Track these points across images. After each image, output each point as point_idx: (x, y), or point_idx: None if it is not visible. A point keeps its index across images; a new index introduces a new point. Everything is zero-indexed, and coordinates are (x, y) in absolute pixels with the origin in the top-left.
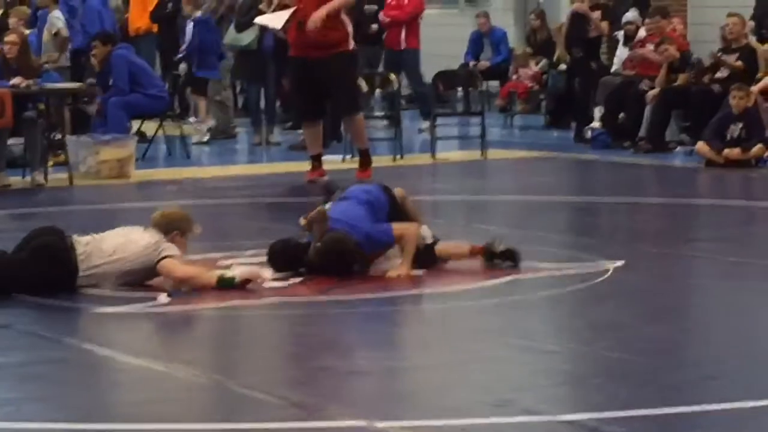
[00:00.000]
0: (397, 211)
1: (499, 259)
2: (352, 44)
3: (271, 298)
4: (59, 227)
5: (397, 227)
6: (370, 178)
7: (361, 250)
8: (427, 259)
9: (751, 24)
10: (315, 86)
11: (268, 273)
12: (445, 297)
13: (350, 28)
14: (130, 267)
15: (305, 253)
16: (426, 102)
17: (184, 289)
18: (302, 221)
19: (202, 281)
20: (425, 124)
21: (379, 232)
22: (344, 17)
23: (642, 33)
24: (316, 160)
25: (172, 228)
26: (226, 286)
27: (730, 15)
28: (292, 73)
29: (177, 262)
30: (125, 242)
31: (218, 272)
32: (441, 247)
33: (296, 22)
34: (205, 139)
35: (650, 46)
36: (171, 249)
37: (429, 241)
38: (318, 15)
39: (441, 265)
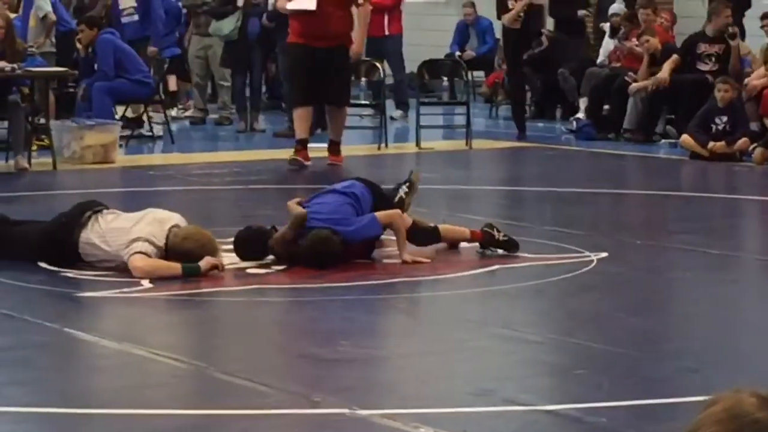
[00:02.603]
0: (382, 204)
1: (497, 247)
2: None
3: (255, 284)
4: (98, 201)
5: (382, 216)
6: (342, 162)
7: (342, 252)
8: (431, 237)
9: None
10: (314, 73)
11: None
12: (428, 285)
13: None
14: (106, 257)
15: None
16: (402, 90)
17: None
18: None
19: (167, 272)
20: (398, 113)
21: (365, 226)
22: (352, 12)
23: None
24: (301, 144)
25: (178, 258)
26: (191, 273)
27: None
28: (293, 59)
29: (142, 258)
30: (124, 231)
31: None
32: (443, 228)
33: (306, 11)
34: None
35: (634, 40)
36: (140, 246)
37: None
38: (359, 47)
39: (437, 247)
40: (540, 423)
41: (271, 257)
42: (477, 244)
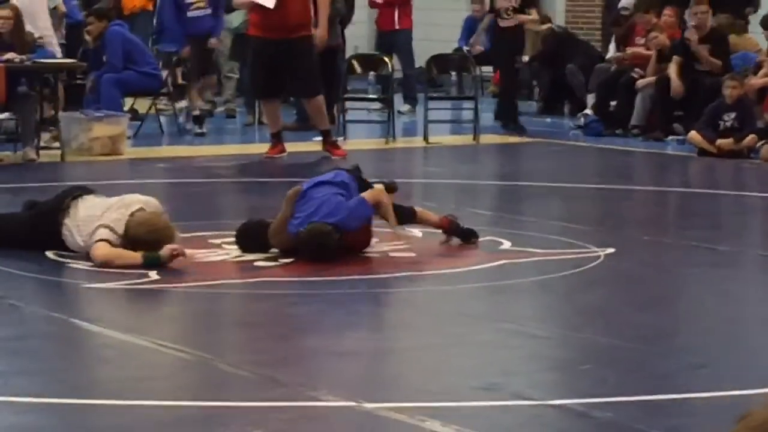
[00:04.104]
0: (365, 189)
1: (459, 236)
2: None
3: (261, 277)
4: (88, 188)
5: (368, 195)
6: (345, 155)
7: (337, 247)
8: (408, 217)
9: None
10: (276, 66)
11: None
12: (434, 280)
13: (313, 14)
14: (81, 249)
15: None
16: (411, 85)
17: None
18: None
19: (128, 261)
20: (406, 107)
21: (356, 208)
22: (310, 3)
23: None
24: (276, 137)
25: (132, 244)
26: (152, 263)
27: (698, 2)
28: (254, 52)
29: (103, 245)
30: (95, 219)
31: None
32: (418, 211)
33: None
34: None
35: (639, 40)
36: (102, 234)
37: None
38: (324, 32)
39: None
40: (546, 417)
41: (276, 250)
42: (446, 232)
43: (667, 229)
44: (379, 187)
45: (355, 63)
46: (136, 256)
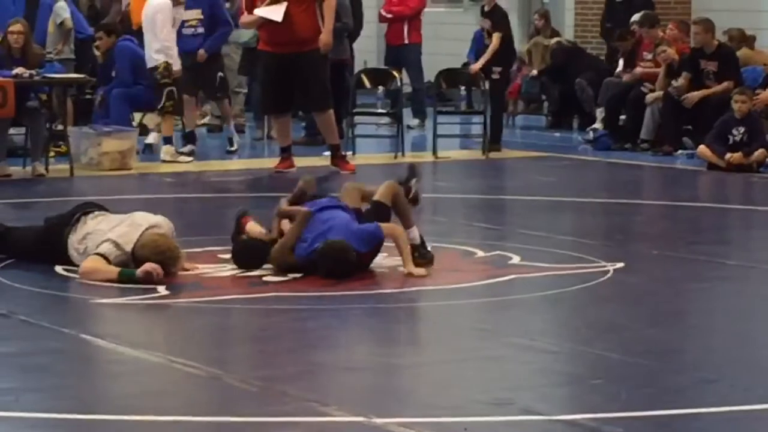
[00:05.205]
0: (359, 215)
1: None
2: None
3: (271, 292)
4: (98, 204)
5: (384, 227)
6: (354, 170)
7: (357, 261)
8: (380, 213)
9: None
10: (285, 81)
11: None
12: (444, 294)
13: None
14: (83, 259)
15: (267, 251)
16: (420, 99)
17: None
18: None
19: (105, 276)
20: (415, 122)
21: (368, 233)
22: (319, 15)
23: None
24: (286, 152)
25: (138, 264)
26: (127, 279)
27: (694, 23)
28: (263, 67)
29: (93, 259)
30: (102, 234)
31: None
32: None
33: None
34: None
35: (647, 55)
36: (101, 248)
37: (417, 241)
38: (327, 37)
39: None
40: None
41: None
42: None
43: (677, 244)
44: (396, 226)
45: (364, 77)
46: (114, 272)
